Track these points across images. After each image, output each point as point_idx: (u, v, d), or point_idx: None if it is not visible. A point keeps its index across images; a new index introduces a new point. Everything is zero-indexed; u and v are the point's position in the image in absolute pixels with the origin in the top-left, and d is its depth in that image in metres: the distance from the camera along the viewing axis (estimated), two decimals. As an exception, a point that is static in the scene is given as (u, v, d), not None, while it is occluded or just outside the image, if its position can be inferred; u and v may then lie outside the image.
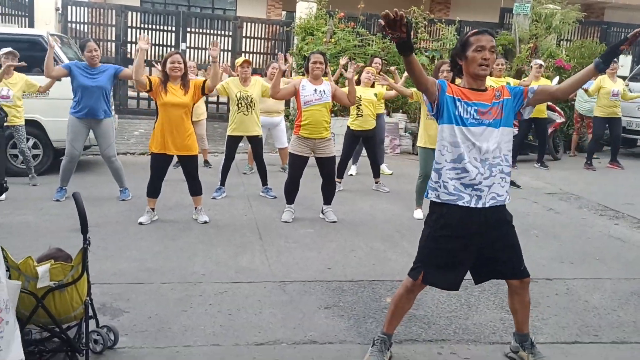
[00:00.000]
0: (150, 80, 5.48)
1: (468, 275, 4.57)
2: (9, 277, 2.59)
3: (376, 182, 7.69)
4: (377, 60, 8.22)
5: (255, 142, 7.01)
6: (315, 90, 5.75)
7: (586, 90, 9.72)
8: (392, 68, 8.24)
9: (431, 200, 3.06)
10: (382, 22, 2.49)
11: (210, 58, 5.62)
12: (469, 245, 3.00)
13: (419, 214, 6.28)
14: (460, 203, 2.94)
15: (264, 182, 7.09)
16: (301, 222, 5.98)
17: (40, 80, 6.85)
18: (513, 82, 8.38)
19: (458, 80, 3.22)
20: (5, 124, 2.28)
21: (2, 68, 5.48)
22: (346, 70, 5.87)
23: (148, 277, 4.32)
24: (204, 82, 5.63)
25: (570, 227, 6.20)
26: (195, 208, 5.86)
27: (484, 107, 2.93)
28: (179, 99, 5.45)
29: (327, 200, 6.14)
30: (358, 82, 7.27)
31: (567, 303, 4.19)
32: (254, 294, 4.11)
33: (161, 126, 5.51)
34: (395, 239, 5.56)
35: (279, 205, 6.45)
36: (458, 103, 2.92)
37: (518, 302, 3.19)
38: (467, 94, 2.95)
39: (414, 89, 6.22)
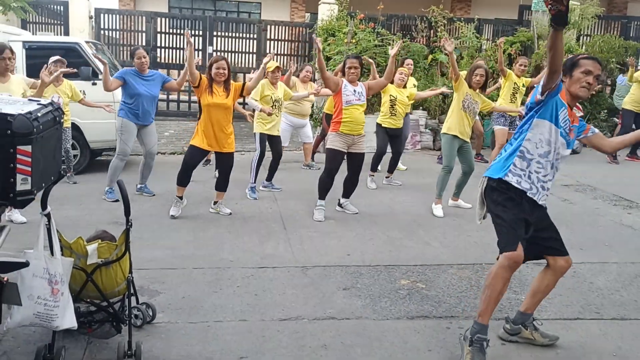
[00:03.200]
0: (201, 77, 5.84)
1: (479, 259, 4.88)
2: (62, 255, 2.97)
3: (387, 177, 7.96)
4: (408, 61, 8.54)
5: (278, 141, 7.35)
6: (355, 91, 6.08)
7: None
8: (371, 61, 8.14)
9: (507, 182, 3.29)
10: None
11: (262, 64, 6.11)
12: (526, 218, 3.31)
13: (439, 210, 6.40)
14: (529, 194, 3.28)
15: (271, 177, 7.41)
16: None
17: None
18: (525, 81, 8.55)
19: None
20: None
21: (52, 77, 5.81)
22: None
23: (181, 263, 4.70)
24: (244, 84, 6.03)
25: (583, 216, 6.42)
26: (215, 202, 6.22)
27: (570, 125, 3.28)
28: (221, 101, 5.83)
29: (348, 194, 6.43)
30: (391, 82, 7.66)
31: (573, 284, 4.44)
32: (278, 277, 4.45)
33: (206, 125, 5.88)
34: (412, 227, 5.85)
35: (303, 199, 6.79)
36: (563, 109, 3.21)
37: (552, 282, 3.43)
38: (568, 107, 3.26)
39: (463, 73, 6.43)
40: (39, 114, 2.30)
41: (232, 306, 3.90)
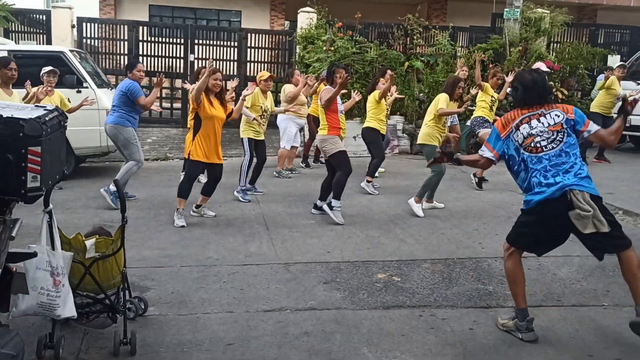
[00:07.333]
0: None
1: (451, 254, 5.18)
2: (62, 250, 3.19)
3: (368, 182, 8.24)
4: (390, 72, 8.88)
5: (263, 146, 7.61)
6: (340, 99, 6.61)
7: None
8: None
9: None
10: None
11: (242, 96, 6.58)
12: None
13: (419, 210, 6.62)
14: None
15: (254, 181, 7.61)
16: (303, 214, 6.58)
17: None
18: (496, 95, 8.77)
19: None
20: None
21: (44, 87, 6.05)
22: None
23: (169, 261, 4.93)
24: (231, 111, 6.27)
25: (550, 214, 6.76)
26: (198, 206, 6.41)
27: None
28: (220, 114, 6.05)
29: (325, 197, 6.61)
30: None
31: (537, 276, 4.77)
32: (262, 273, 4.71)
33: (207, 137, 5.97)
34: (389, 227, 6.15)
35: (284, 201, 7.07)
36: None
37: None
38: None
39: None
40: (47, 119, 2.56)
41: (218, 300, 4.15)
